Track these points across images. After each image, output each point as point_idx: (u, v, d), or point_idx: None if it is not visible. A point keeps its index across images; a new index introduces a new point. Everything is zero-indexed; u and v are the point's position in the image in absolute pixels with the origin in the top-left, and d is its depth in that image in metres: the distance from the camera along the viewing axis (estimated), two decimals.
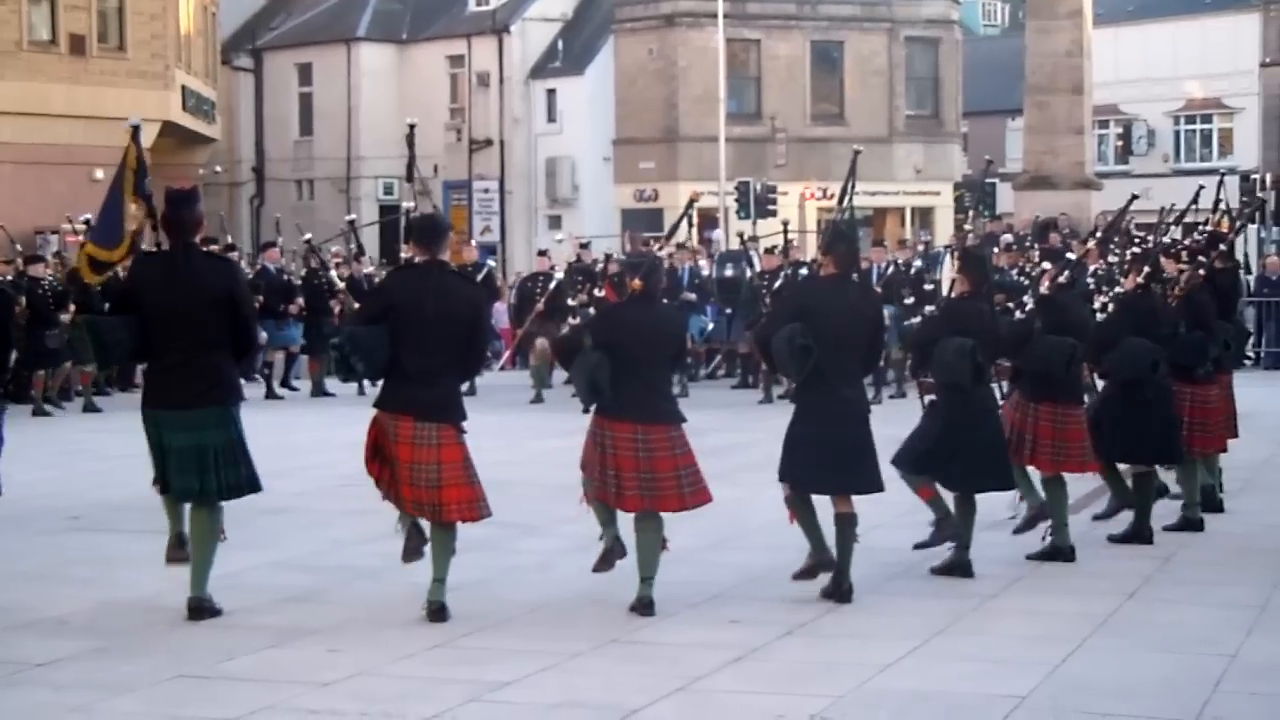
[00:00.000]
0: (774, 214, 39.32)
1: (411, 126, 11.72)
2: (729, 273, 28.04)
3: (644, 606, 10.23)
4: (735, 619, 10.14)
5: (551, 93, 53.74)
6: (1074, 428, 12.19)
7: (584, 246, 28.70)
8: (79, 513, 13.81)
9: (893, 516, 12.65)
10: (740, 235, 29.93)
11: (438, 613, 9.95)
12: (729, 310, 27.15)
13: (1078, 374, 12.53)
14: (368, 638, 9.59)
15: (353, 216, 16.93)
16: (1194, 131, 60.30)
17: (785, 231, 26.47)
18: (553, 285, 25.33)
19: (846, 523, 10.68)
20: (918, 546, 11.50)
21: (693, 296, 27.10)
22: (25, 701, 8.29)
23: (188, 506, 10.21)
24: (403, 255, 10.93)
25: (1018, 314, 12.56)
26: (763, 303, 23.56)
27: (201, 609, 10.02)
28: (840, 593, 10.63)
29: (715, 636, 9.68)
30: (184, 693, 8.46)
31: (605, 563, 10.62)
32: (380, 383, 10.21)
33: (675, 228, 12.54)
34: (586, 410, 10.58)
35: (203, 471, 9.93)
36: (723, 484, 14.63)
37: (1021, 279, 19.29)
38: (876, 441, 10.89)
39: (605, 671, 8.91)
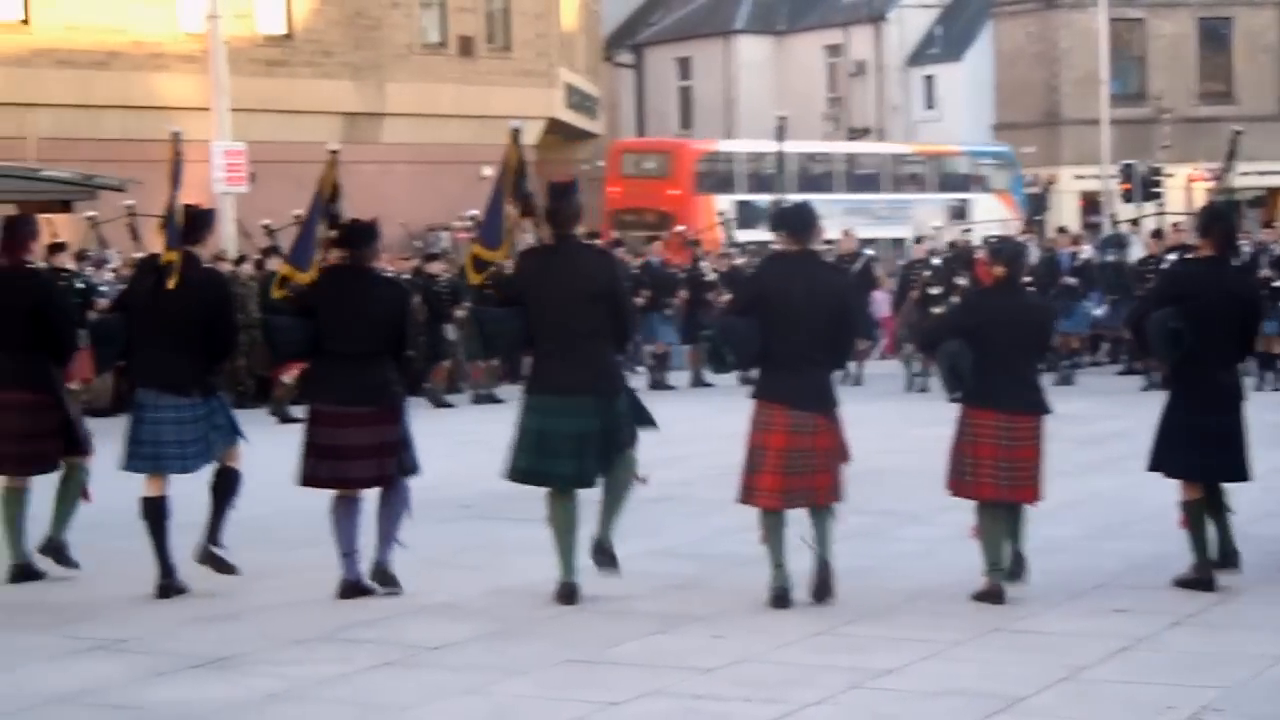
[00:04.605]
0: (1159, 197, 38.50)
1: (781, 119, 11.78)
2: (1110, 258, 27.62)
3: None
4: (1121, 608, 9.98)
5: (929, 79, 53.44)
6: None
7: (966, 232, 28.52)
8: (470, 501, 14.21)
9: None
10: (1112, 218, 29.43)
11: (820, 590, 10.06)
12: (1114, 296, 26.73)
13: None
14: (750, 624, 9.68)
15: (722, 210, 17.08)
16: None
17: (1160, 215, 25.93)
18: (927, 273, 25.24)
19: (1216, 496, 10.55)
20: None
21: (1074, 281, 26.68)
22: (422, 682, 8.57)
23: None
24: (773, 246, 10.93)
25: None
26: (1142, 287, 23.06)
27: (603, 551, 10.41)
28: (1225, 556, 10.54)
29: (1100, 626, 9.55)
30: (573, 677, 8.65)
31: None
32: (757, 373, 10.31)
33: (1035, 212, 12.37)
34: (951, 399, 10.50)
35: (580, 457, 10.16)
36: (1108, 471, 14.49)
37: None
38: (1260, 429, 10.59)
39: (987, 660, 8.86)
